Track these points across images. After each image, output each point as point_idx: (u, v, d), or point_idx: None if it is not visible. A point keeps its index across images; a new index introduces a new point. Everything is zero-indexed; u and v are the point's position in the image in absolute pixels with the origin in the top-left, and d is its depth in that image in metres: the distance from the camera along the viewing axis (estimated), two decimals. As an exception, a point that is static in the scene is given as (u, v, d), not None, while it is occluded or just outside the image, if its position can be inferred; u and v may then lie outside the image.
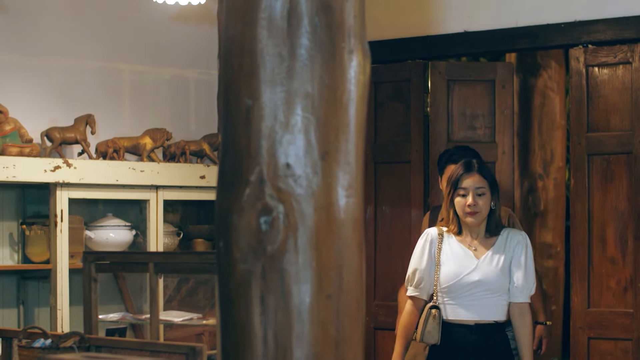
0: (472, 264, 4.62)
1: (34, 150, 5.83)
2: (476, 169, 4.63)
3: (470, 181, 4.62)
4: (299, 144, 2.80)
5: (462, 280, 4.60)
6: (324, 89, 2.83)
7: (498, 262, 4.61)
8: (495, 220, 4.65)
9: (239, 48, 2.86)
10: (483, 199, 4.61)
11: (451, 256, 4.65)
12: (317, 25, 2.83)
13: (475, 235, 4.66)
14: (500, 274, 4.60)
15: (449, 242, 4.67)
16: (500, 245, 4.65)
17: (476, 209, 4.59)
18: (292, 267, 2.77)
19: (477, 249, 4.64)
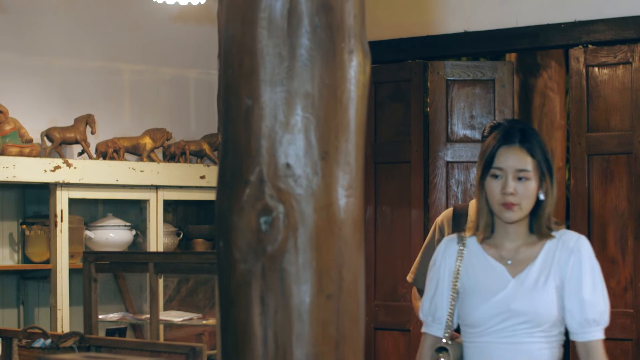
0: (503, 285, 3.21)
1: (34, 150, 5.83)
2: (518, 140, 3.22)
3: (509, 157, 3.21)
4: (299, 144, 2.80)
5: (489, 310, 3.20)
6: (324, 89, 2.83)
7: (545, 281, 3.20)
8: (544, 217, 3.23)
9: (239, 48, 2.86)
10: (526, 185, 3.19)
11: (474, 274, 3.26)
12: (317, 25, 2.83)
13: (513, 241, 3.26)
14: (548, 299, 3.19)
15: (473, 253, 3.29)
16: (548, 255, 3.23)
17: (514, 200, 3.17)
18: (292, 267, 2.77)
19: (513, 262, 3.24)
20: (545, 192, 3.24)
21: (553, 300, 3.21)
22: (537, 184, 3.22)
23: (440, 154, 6.07)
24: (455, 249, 3.32)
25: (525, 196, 3.21)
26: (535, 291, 3.21)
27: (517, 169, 3.22)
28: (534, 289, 3.21)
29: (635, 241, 5.66)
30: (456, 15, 6.15)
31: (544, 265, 3.23)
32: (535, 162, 3.23)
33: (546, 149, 3.28)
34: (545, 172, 3.24)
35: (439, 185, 6.07)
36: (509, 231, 3.27)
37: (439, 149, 6.07)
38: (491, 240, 3.29)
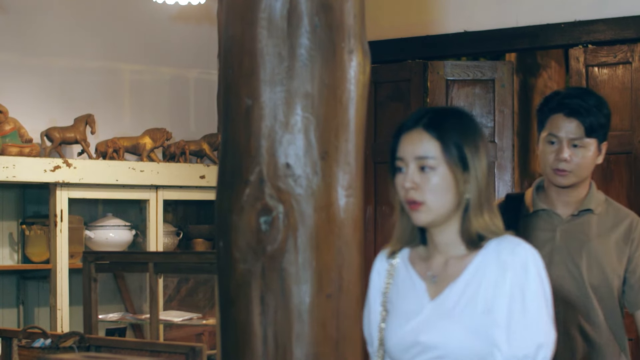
0: (419, 308, 2.54)
1: (34, 150, 5.83)
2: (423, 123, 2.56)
3: (409, 143, 2.56)
4: (298, 144, 2.80)
5: (399, 341, 2.56)
6: (324, 89, 2.83)
7: (467, 306, 2.49)
8: (472, 221, 2.53)
9: (239, 48, 2.86)
10: (429, 177, 2.51)
11: (396, 294, 2.63)
12: (317, 25, 2.83)
13: (442, 252, 2.58)
14: (467, 330, 2.47)
15: (402, 268, 2.66)
16: (478, 271, 2.51)
17: (417, 196, 2.50)
18: (292, 267, 2.77)
19: (439, 279, 2.56)
20: (471, 186, 2.51)
21: (476, 330, 2.45)
22: (451, 175, 2.49)
23: (440, 154, 6.06)
24: (385, 264, 2.68)
25: (429, 190, 2.49)
26: (451, 318, 2.48)
27: (416, 156, 2.52)
28: (449, 315, 2.48)
29: (635, 241, 5.66)
30: (456, 15, 6.15)
31: (469, 284, 2.48)
32: (443, 147, 2.50)
33: (475, 134, 2.55)
34: (468, 160, 2.50)
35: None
36: (436, 240, 2.55)
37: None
38: (423, 252, 2.61)
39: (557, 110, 3.38)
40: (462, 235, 2.52)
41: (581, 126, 3.33)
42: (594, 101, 3.36)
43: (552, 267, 3.30)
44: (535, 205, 3.49)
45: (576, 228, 3.44)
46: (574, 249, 3.42)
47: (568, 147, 3.35)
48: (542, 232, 3.46)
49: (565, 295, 3.40)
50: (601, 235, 3.43)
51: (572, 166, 3.36)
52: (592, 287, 3.39)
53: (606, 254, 3.41)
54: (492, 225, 2.53)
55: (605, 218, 3.46)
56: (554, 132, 3.37)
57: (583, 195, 3.46)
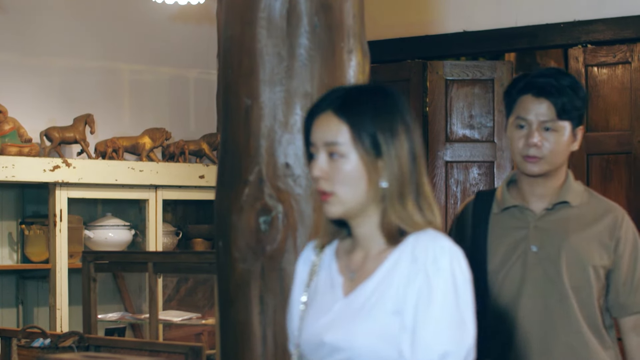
0: (330, 305, 2.33)
1: (33, 149, 5.83)
2: (333, 106, 2.27)
3: (319, 127, 2.28)
4: (298, 144, 2.80)
5: (310, 339, 2.33)
6: (323, 89, 2.83)
7: (375, 305, 2.25)
8: (390, 213, 2.26)
9: (238, 48, 2.86)
10: (338, 164, 2.25)
11: (315, 288, 2.40)
12: (317, 25, 2.83)
13: (363, 247, 2.34)
14: (375, 332, 2.23)
15: (326, 262, 2.41)
16: (393, 268, 2.27)
17: (327, 186, 2.26)
18: (292, 267, 2.77)
19: (357, 275, 2.33)
20: (387, 175, 2.25)
21: (384, 333, 2.21)
22: (363, 164, 2.24)
23: (439, 154, 6.07)
24: (312, 255, 2.44)
25: (339, 180, 2.25)
26: (358, 318, 2.24)
27: (325, 141, 2.27)
28: (357, 315, 2.24)
29: (635, 241, 5.66)
30: (455, 15, 6.15)
31: (382, 282, 2.25)
32: (353, 132, 2.24)
33: (393, 116, 2.28)
34: (382, 146, 2.24)
35: (438, 185, 6.07)
36: (356, 233, 2.33)
37: (438, 149, 6.07)
38: (348, 246, 2.37)
39: (526, 91, 3.04)
40: (381, 228, 2.27)
41: (552, 107, 2.99)
42: (567, 81, 3.03)
43: (527, 271, 3.03)
44: (505, 201, 3.11)
45: (552, 224, 3.06)
46: (551, 248, 3.03)
47: (538, 131, 3.00)
48: (513, 231, 3.07)
49: (544, 303, 3.03)
50: (581, 230, 3.05)
51: (544, 152, 3.00)
52: (574, 289, 3.02)
53: (587, 250, 3.03)
54: (417, 218, 2.26)
55: (585, 211, 3.08)
56: (522, 115, 3.04)
57: (558, 187, 3.08)
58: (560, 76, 3.05)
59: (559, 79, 3.03)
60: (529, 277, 3.01)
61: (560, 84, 3.01)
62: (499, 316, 3.05)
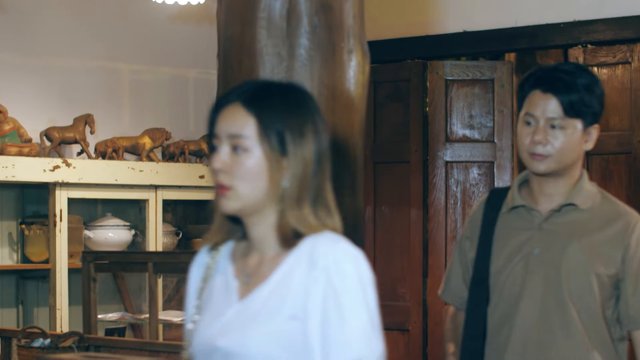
0: (225, 309, 2.24)
1: (33, 150, 5.83)
2: (241, 97, 2.21)
3: (223, 120, 2.22)
4: (298, 144, 2.80)
5: (203, 344, 2.23)
6: (323, 89, 2.83)
7: (273, 310, 2.17)
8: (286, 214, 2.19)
9: (238, 48, 2.86)
10: (241, 159, 2.17)
11: (209, 292, 2.29)
12: (317, 25, 2.83)
13: (259, 249, 2.25)
14: (273, 337, 2.15)
15: (222, 265, 2.31)
16: (291, 271, 2.19)
17: (226, 180, 2.17)
18: (291, 267, 2.77)
19: (252, 279, 2.24)
20: (290, 174, 2.17)
21: (281, 338, 2.14)
22: (266, 160, 2.15)
23: (439, 154, 6.07)
24: (206, 257, 2.33)
25: (238, 174, 2.16)
26: (254, 323, 2.15)
27: (229, 134, 2.18)
28: (253, 320, 2.16)
29: (635, 241, 5.66)
30: (455, 15, 6.15)
31: (279, 286, 2.17)
32: (260, 126, 2.16)
33: (303, 116, 2.21)
34: (288, 145, 2.17)
35: (438, 185, 6.07)
36: (251, 234, 2.23)
37: (438, 149, 6.07)
38: (244, 248, 2.28)
39: (536, 86, 2.93)
40: (277, 230, 2.18)
41: (560, 104, 2.87)
42: (583, 78, 2.90)
43: (528, 275, 2.92)
44: (514, 201, 3.00)
45: (557, 227, 2.94)
46: (554, 252, 2.92)
47: (545, 128, 2.89)
48: (519, 232, 2.98)
49: (542, 309, 2.91)
50: (586, 235, 2.92)
51: (551, 150, 2.89)
52: (575, 297, 2.89)
53: (591, 257, 2.90)
54: (312, 220, 2.18)
55: (595, 215, 2.95)
56: (530, 110, 2.91)
57: (569, 187, 2.95)
58: (576, 72, 2.93)
59: (573, 75, 2.91)
60: (529, 280, 2.91)
61: (573, 80, 2.89)
62: (498, 319, 2.97)
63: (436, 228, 6.00)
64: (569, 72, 2.92)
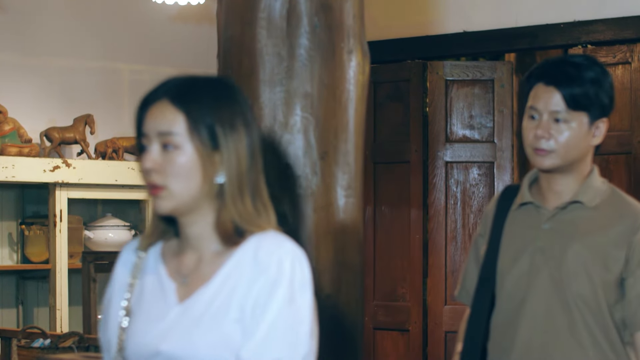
0: (164, 313, 2.14)
1: (33, 150, 5.83)
2: (167, 93, 2.22)
3: (151, 117, 2.19)
4: (298, 144, 2.80)
5: (142, 349, 2.13)
6: (323, 89, 2.83)
7: (218, 312, 2.09)
8: (227, 212, 2.12)
9: (238, 48, 2.86)
10: (171, 157, 2.11)
11: (141, 294, 2.20)
12: (317, 26, 2.83)
13: (196, 248, 2.17)
14: (219, 340, 2.08)
15: (152, 265, 2.22)
16: (235, 271, 2.11)
17: (159, 179, 2.13)
18: (291, 267, 2.77)
19: (190, 280, 2.15)
20: (224, 170, 2.10)
21: (227, 341, 2.06)
22: (198, 156, 2.08)
23: (439, 154, 6.07)
24: (133, 257, 2.24)
25: (171, 173, 2.10)
26: (199, 326, 2.08)
27: (159, 131, 2.13)
28: (198, 322, 2.08)
29: (635, 241, 5.65)
30: (455, 15, 6.15)
31: (223, 287, 2.09)
32: (190, 122, 2.11)
33: (233, 109, 2.14)
34: (220, 139, 2.10)
35: (438, 185, 6.06)
36: (187, 233, 2.15)
37: (438, 149, 6.06)
38: (176, 247, 2.20)
39: (539, 79, 2.83)
40: (216, 228, 2.11)
41: (562, 97, 2.78)
42: (590, 71, 2.80)
43: (533, 273, 2.85)
44: (523, 197, 2.92)
45: (562, 225, 2.85)
46: (557, 250, 2.84)
47: (549, 122, 2.79)
48: (525, 229, 2.90)
49: (547, 309, 2.83)
50: (590, 234, 2.83)
51: (555, 145, 2.79)
52: (579, 298, 2.80)
53: (593, 256, 2.81)
54: (255, 217, 2.11)
55: (602, 213, 2.85)
56: (533, 104, 2.82)
57: (578, 184, 2.86)
58: (584, 65, 2.82)
59: (579, 68, 2.81)
60: (534, 280, 2.84)
61: (578, 73, 2.79)
62: (503, 319, 2.89)
63: (436, 228, 6.00)
64: (576, 64, 2.82)
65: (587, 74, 2.79)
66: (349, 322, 2.91)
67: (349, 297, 2.90)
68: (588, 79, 2.79)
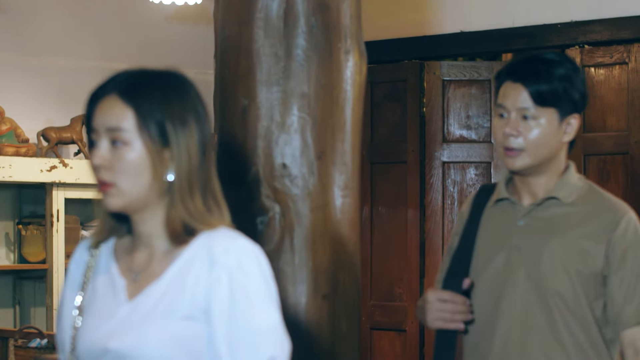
0: (113, 310, 2.12)
1: (30, 150, 5.83)
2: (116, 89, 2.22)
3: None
4: (295, 144, 2.80)
5: (92, 347, 2.11)
6: (320, 89, 2.83)
7: (167, 309, 2.08)
8: (176, 209, 2.10)
9: (236, 48, 2.86)
10: (121, 153, 2.08)
11: (92, 291, 2.17)
12: (314, 26, 2.83)
13: (147, 245, 2.15)
14: (171, 338, 2.06)
15: (104, 263, 2.19)
16: (185, 268, 2.10)
17: (108, 177, 2.08)
18: (288, 267, 2.77)
19: (141, 277, 2.14)
20: (174, 167, 2.08)
21: (177, 339, 2.05)
22: (147, 153, 2.05)
23: (436, 154, 6.07)
24: (86, 255, 2.21)
25: (120, 170, 2.06)
26: (148, 324, 2.05)
27: (107, 127, 2.09)
28: (147, 320, 2.06)
29: (632, 241, 5.66)
30: (452, 15, 6.15)
31: (173, 284, 2.07)
32: (138, 117, 2.08)
33: (183, 105, 2.14)
34: (170, 135, 2.07)
35: (435, 186, 6.07)
36: (138, 230, 2.13)
37: (435, 149, 6.07)
38: (129, 244, 2.18)
39: (507, 77, 2.78)
40: (166, 225, 2.09)
41: (529, 94, 2.72)
42: (559, 67, 2.76)
43: (508, 273, 2.78)
44: (500, 193, 2.86)
45: (538, 222, 2.79)
46: (534, 248, 2.77)
47: (517, 120, 2.73)
48: (501, 226, 2.84)
49: (524, 307, 2.76)
50: (568, 230, 2.77)
51: (524, 143, 2.73)
52: (557, 295, 2.73)
53: (571, 253, 2.74)
54: (206, 215, 2.10)
55: (579, 209, 2.79)
56: (501, 101, 2.77)
57: (553, 182, 2.81)
58: (553, 61, 2.78)
59: (548, 64, 2.77)
60: (510, 278, 2.77)
61: (547, 69, 2.75)
62: (479, 319, 2.82)
63: (433, 228, 6.00)
64: (545, 61, 2.78)
65: (557, 70, 2.75)
66: (346, 322, 2.91)
67: (346, 297, 2.90)
68: (557, 75, 2.74)
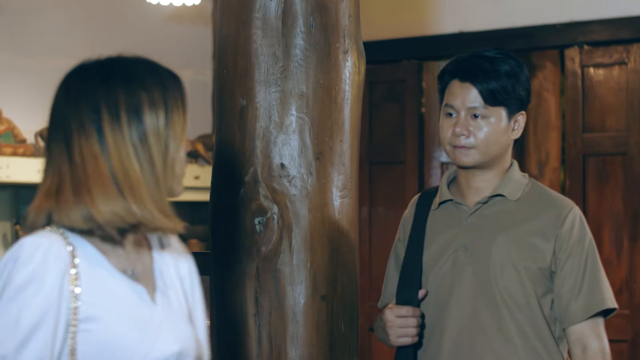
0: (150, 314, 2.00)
1: (28, 150, 5.82)
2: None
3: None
4: (293, 145, 2.79)
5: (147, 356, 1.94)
6: (319, 89, 2.82)
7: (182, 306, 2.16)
8: None
9: (234, 48, 2.85)
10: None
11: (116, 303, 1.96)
12: (312, 26, 2.82)
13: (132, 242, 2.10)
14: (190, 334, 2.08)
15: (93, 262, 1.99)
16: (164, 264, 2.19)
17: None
18: (287, 268, 2.76)
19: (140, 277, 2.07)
20: None
21: None
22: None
23: (435, 155, 6.06)
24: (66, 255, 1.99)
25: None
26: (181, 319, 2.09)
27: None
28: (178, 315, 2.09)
29: (631, 242, 5.66)
30: (451, 15, 6.14)
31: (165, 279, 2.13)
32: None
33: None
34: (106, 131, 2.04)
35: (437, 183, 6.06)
36: None
37: (433, 150, 6.06)
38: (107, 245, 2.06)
39: (454, 76, 2.85)
40: None
41: (479, 93, 2.76)
42: (505, 65, 2.81)
43: (456, 274, 2.77)
44: (442, 195, 2.86)
45: (484, 220, 2.78)
46: (481, 246, 2.76)
47: (467, 119, 2.77)
48: (447, 228, 2.82)
49: (473, 307, 2.75)
50: (514, 227, 2.76)
51: (475, 141, 2.75)
52: (506, 293, 2.72)
53: (519, 250, 2.73)
54: None
55: (525, 206, 2.79)
56: (449, 101, 2.83)
57: (498, 180, 2.81)
58: (497, 58, 2.83)
59: (493, 62, 2.81)
60: (458, 279, 2.75)
61: (493, 67, 2.79)
62: (429, 322, 2.80)
63: (432, 229, 5.99)
64: (490, 58, 2.82)
65: (502, 67, 2.79)
66: (345, 323, 2.90)
67: (345, 297, 2.89)
68: (503, 72, 2.78)
